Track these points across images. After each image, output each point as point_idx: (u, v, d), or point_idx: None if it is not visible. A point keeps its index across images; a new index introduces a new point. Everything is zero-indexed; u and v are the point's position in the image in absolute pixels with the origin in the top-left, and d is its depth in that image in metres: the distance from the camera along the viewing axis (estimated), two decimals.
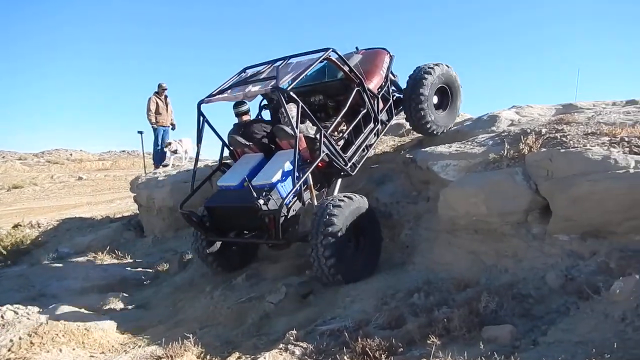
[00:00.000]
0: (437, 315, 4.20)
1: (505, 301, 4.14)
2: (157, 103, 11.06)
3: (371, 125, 6.74)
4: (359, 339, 3.89)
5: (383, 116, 7.02)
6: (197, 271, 7.48)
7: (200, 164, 10.80)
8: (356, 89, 6.42)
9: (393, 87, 7.34)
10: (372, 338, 3.88)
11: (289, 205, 5.76)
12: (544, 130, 5.67)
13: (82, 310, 5.84)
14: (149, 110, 11.00)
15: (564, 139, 5.19)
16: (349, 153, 6.37)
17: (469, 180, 5.37)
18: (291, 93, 5.70)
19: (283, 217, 5.65)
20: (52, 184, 21.57)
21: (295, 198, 5.87)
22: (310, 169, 5.78)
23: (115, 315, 5.95)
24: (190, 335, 4.61)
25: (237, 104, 6.81)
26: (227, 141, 6.89)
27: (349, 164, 6.32)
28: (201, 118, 6.47)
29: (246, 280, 6.44)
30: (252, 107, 7.15)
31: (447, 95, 7.42)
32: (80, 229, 11.59)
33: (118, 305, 6.53)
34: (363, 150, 6.69)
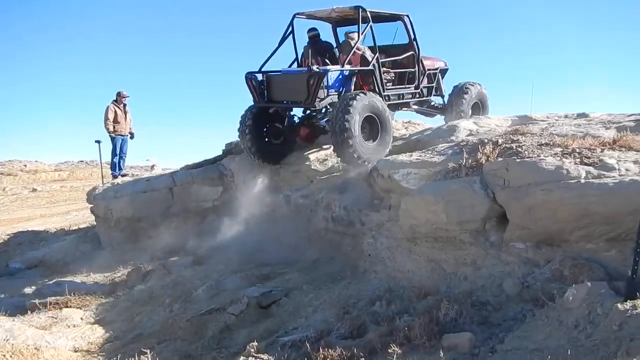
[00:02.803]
0: (398, 324, 4.23)
1: (465, 309, 4.21)
2: (115, 111, 10.77)
3: (412, 87, 9.10)
4: (320, 350, 3.88)
5: (424, 89, 9.36)
6: (157, 283, 7.30)
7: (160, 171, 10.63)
8: (411, 53, 8.93)
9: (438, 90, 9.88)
10: (334, 348, 3.88)
11: (329, 92, 7.82)
12: (500, 141, 5.81)
13: (33, 328, 5.60)
14: (106, 119, 10.70)
15: (519, 149, 5.33)
16: (388, 89, 8.62)
17: (429, 189, 5.44)
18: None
19: (322, 97, 7.71)
20: (4, 196, 20.66)
21: (335, 91, 7.92)
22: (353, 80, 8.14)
23: (68, 333, 5.72)
24: (148, 351, 4.48)
25: (311, 29, 8.96)
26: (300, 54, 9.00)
27: (384, 94, 8.34)
28: (291, 27, 8.62)
29: (207, 291, 6.33)
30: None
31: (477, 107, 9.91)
32: (32, 242, 11.13)
33: (72, 321, 6.27)
34: (399, 97, 8.99)
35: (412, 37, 8.94)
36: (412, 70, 9.08)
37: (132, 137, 11.36)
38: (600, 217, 4.14)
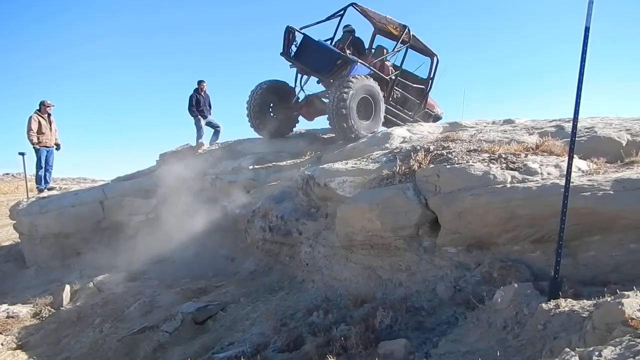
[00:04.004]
0: (335, 334, 4.20)
1: (400, 315, 4.23)
2: (39, 122, 10.18)
3: (408, 114, 10.26)
4: None
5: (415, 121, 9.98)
6: (86, 302, 6.93)
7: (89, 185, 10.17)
8: (423, 87, 10.37)
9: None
10: None
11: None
12: (432, 147, 5.93)
13: None
14: (30, 129, 10.08)
15: (449, 155, 5.46)
16: (390, 105, 9.71)
17: (364, 197, 5.47)
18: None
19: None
20: None
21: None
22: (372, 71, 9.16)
23: None
24: None
25: (349, 26, 9.96)
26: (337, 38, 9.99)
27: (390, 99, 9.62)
28: (343, 12, 9.67)
29: (139, 308, 6.07)
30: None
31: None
32: None
33: None
34: (395, 115, 9.87)
35: (432, 75, 10.34)
36: (417, 101, 10.28)
37: (58, 148, 10.78)
38: (525, 220, 4.29)
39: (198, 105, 11.61)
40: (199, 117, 11.69)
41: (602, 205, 3.91)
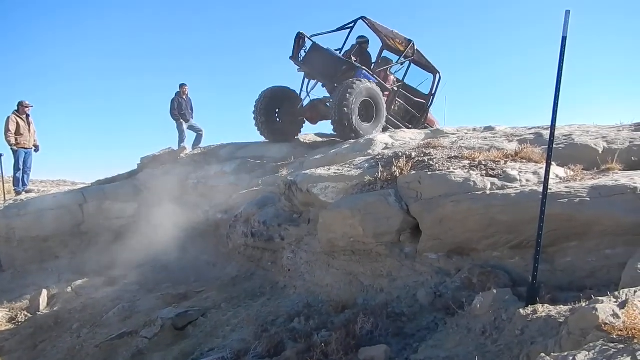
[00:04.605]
0: (316, 340, 4.20)
1: (381, 321, 4.25)
2: (17, 123, 10.01)
3: (407, 126, 10.18)
4: None
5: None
6: (63, 307, 6.82)
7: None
8: (424, 102, 10.78)
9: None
10: None
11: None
12: (414, 154, 5.98)
13: None
14: (7, 130, 9.91)
15: (431, 162, 5.51)
16: (390, 115, 9.95)
17: (346, 203, 5.48)
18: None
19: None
20: None
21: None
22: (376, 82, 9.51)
23: None
24: None
25: (364, 37, 10.37)
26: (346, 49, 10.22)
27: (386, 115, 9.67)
28: (353, 24, 10.11)
29: (118, 314, 5.99)
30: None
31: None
32: None
33: None
34: (394, 126, 9.89)
35: (433, 92, 10.74)
36: (417, 115, 10.67)
37: (37, 150, 10.62)
38: (505, 226, 4.35)
39: (180, 109, 11.57)
40: (181, 120, 11.64)
41: (579, 212, 3.99)
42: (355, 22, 10.15)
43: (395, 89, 10.20)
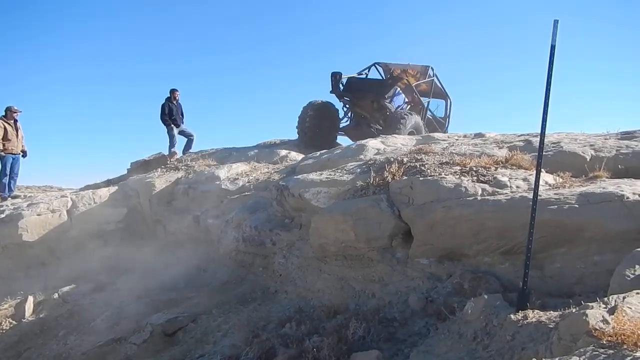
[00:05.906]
0: (308, 345, 4.19)
1: (372, 326, 4.26)
2: (5, 128, 9.90)
3: None
4: None
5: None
6: (50, 314, 6.74)
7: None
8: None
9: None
10: None
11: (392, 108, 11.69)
12: (405, 160, 6.02)
13: None
14: None
15: (422, 167, 5.55)
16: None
17: (338, 208, 5.50)
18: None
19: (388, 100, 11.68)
20: None
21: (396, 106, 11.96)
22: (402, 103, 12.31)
23: None
24: None
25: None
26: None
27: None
28: (368, 70, 12.68)
29: (106, 320, 5.94)
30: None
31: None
32: None
33: None
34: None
35: (448, 115, 13.67)
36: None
37: (24, 155, 10.50)
38: (495, 232, 4.39)
39: (171, 114, 11.53)
40: (172, 125, 11.59)
41: (568, 218, 4.04)
42: (369, 67, 12.59)
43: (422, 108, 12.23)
